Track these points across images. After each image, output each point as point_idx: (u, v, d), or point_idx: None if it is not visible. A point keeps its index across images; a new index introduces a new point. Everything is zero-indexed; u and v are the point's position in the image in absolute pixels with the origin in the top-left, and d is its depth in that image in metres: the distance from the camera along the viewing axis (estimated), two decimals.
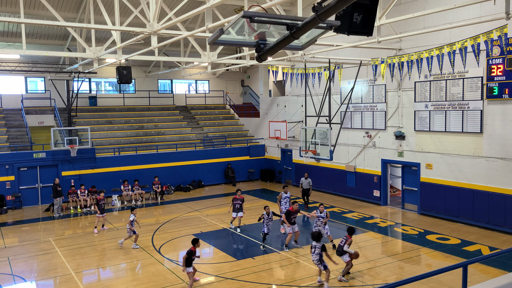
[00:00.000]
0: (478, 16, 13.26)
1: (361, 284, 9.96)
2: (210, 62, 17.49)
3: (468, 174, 14.42)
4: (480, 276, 10.05)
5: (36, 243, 13.68)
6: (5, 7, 17.07)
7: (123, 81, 17.30)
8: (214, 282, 10.23)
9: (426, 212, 15.90)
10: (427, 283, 9.58)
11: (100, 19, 16.53)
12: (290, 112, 22.61)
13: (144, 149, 22.21)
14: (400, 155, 16.79)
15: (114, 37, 13.62)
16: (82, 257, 12.21)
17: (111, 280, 10.63)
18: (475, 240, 12.89)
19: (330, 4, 3.12)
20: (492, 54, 13.28)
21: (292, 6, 19.80)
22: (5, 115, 21.83)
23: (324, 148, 15.71)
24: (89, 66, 20.50)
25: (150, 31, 10.69)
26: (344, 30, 3.79)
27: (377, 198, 17.92)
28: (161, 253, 12.36)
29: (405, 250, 12.37)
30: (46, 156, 19.28)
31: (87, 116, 23.85)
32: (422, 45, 15.18)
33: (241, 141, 25.18)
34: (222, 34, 3.43)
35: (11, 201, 18.53)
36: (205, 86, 29.65)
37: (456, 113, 14.62)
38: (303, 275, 10.54)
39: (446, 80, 14.87)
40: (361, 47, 14.93)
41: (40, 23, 11.08)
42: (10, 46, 20.69)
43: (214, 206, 18.56)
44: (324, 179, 20.48)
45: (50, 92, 23.25)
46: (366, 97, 18.10)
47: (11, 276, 10.92)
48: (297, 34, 3.44)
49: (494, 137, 13.65)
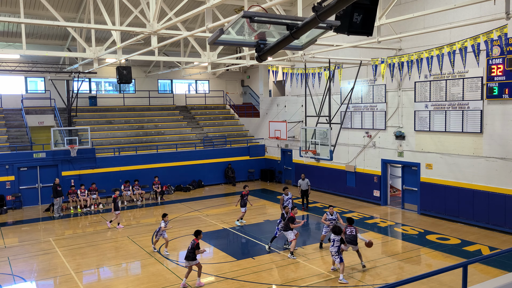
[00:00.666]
0: (478, 16, 13.26)
1: (361, 284, 9.96)
2: (210, 62, 17.49)
3: (468, 174, 14.42)
4: (480, 276, 10.05)
5: (36, 243, 13.68)
6: (5, 7, 17.07)
7: (123, 81, 17.30)
8: (214, 282, 10.24)
9: (426, 212, 15.90)
10: (427, 283, 9.58)
11: (100, 19, 16.53)
12: (290, 112, 22.61)
13: (144, 149, 22.21)
14: (400, 155, 16.79)
15: (114, 37, 13.62)
16: (82, 257, 12.21)
17: (111, 280, 10.63)
18: (475, 240, 12.89)
19: (330, 4, 3.12)
20: (492, 54, 13.28)
21: (292, 6, 19.80)
22: (5, 115, 21.83)
23: (324, 148, 15.71)
24: (89, 66, 20.50)
25: (150, 31, 10.69)
26: (344, 30, 3.79)
27: (377, 198, 17.92)
28: (161, 253, 12.36)
29: (405, 250, 12.37)
30: (46, 156, 19.28)
31: (87, 116, 23.85)
32: (422, 45, 15.18)
33: (241, 141, 25.18)
34: (222, 34, 3.43)
35: (11, 201, 18.52)
36: (205, 86, 29.65)
37: (456, 113, 14.62)
38: (303, 275, 10.54)
39: (446, 80, 14.87)
40: (361, 47, 14.94)
41: (40, 23, 11.07)
42: (10, 46, 20.70)
43: (214, 206, 18.56)
44: (324, 179, 20.47)
45: (50, 92, 23.25)
46: (366, 97, 18.10)
47: (11, 276, 10.92)
48: (297, 34, 3.44)
49: (494, 137, 13.65)
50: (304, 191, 17.18)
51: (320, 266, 11.09)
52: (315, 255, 11.94)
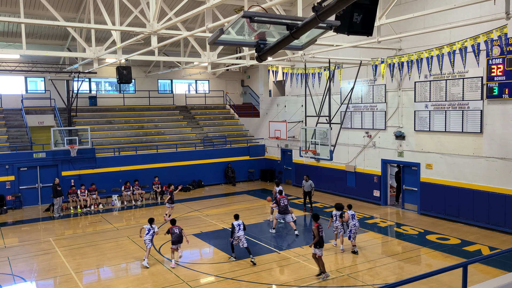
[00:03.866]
0: (478, 16, 13.26)
1: (361, 284, 9.96)
2: (210, 62, 17.49)
3: (468, 174, 14.42)
4: (480, 276, 10.05)
5: (36, 243, 13.68)
6: (5, 7, 17.07)
7: (123, 81, 17.30)
8: (214, 282, 10.23)
9: (426, 212, 15.90)
10: (427, 283, 9.58)
11: (100, 19, 16.53)
12: (290, 112, 22.62)
13: (144, 149, 22.21)
14: (400, 155, 16.79)
15: (114, 37, 13.62)
16: (82, 257, 12.21)
17: (111, 280, 10.63)
18: (475, 240, 12.89)
19: (330, 4, 3.12)
20: (492, 54, 13.28)
21: (292, 6, 19.80)
22: (5, 115, 21.83)
23: (324, 148, 15.71)
24: (89, 66, 20.50)
25: (150, 31, 10.69)
26: (344, 30, 3.79)
27: (377, 198, 17.92)
28: (161, 253, 12.35)
29: (405, 250, 12.36)
30: (46, 156, 19.28)
31: (87, 116, 23.85)
32: (422, 45, 15.18)
33: (241, 141, 25.18)
34: (222, 34, 3.43)
35: (11, 201, 18.52)
36: (205, 86, 29.66)
37: (456, 113, 14.62)
38: (303, 275, 10.54)
39: (446, 80, 14.87)
40: (361, 47, 14.93)
41: (40, 23, 11.07)
42: (10, 46, 20.69)
43: (214, 206, 18.56)
44: (324, 179, 20.47)
45: (50, 92, 23.25)
46: (366, 97, 18.10)
47: (11, 276, 10.92)
48: (297, 34, 3.44)
49: (494, 137, 13.65)
50: (306, 193, 16.76)
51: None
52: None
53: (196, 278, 10.47)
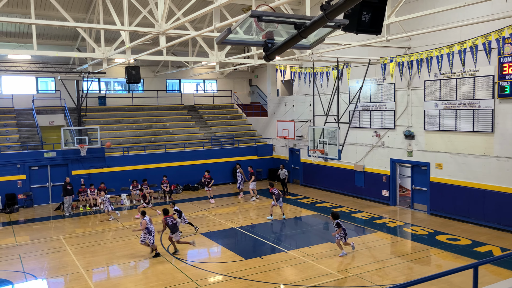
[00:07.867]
0: (489, 13, 13.07)
1: (370, 285, 9.90)
2: (218, 61, 17.52)
3: (479, 174, 14.24)
4: (491, 277, 9.93)
5: (47, 241, 13.85)
6: (16, 8, 17.29)
7: (132, 81, 17.42)
8: (222, 281, 10.26)
9: (436, 212, 15.74)
10: (437, 284, 9.49)
11: (109, 19, 16.66)
12: (298, 112, 22.55)
13: (152, 149, 22.35)
14: (410, 154, 16.64)
15: (123, 37, 13.71)
16: (92, 255, 12.33)
17: (120, 278, 10.71)
18: (486, 240, 12.73)
19: (338, 3, 3.10)
20: (504, 52, 13.09)
21: (300, 5, 19.72)
22: (16, 115, 22.13)
23: (333, 147, 15.64)
24: (99, 66, 20.68)
25: (159, 31, 10.74)
26: (352, 29, 3.76)
27: (386, 198, 17.79)
28: (169, 251, 12.42)
29: (415, 250, 12.26)
30: (57, 155, 19.50)
31: (97, 115, 24.06)
32: (432, 43, 15.02)
33: (249, 141, 25.19)
34: (230, 34, 3.43)
35: (22, 200, 18.78)
36: (213, 86, 29.71)
37: (466, 112, 14.45)
38: (311, 275, 10.51)
39: (456, 79, 14.70)
40: (369, 46, 14.83)
41: (50, 24, 11.19)
42: (22, 47, 20.94)
43: (222, 205, 18.59)
44: (333, 179, 20.40)
45: (60, 92, 23.50)
46: (375, 96, 17.97)
47: (22, 273, 11.07)
48: (305, 33, 3.42)
49: (505, 137, 13.45)
50: (282, 180, 19.98)
51: (329, 266, 11.05)
52: (324, 255, 11.89)
53: (205, 277, 10.51)
